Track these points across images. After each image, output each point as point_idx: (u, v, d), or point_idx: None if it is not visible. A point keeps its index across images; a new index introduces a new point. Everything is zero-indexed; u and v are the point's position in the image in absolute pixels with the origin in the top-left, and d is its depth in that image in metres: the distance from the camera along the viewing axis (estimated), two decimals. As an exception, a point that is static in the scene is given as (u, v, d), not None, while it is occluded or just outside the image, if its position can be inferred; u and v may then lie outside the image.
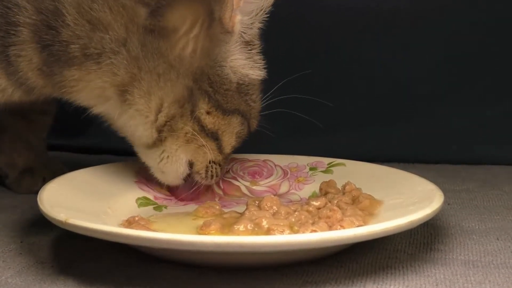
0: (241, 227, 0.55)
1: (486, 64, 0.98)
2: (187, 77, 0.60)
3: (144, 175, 0.72)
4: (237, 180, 0.76)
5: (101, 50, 0.58)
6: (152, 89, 0.60)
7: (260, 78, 0.66)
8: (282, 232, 0.53)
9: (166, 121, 0.61)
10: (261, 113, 0.69)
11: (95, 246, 0.57)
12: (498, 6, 0.97)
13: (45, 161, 0.87)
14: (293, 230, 0.54)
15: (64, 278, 0.52)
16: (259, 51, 0.65)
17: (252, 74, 0.65)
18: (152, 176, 0.68)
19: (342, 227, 0.54)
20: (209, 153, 0.64)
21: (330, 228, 0.54)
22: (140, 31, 0.58)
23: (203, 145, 0.63)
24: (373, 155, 0.86)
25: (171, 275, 0.52)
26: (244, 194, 0.74)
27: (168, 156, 0.64)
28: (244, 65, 0.64)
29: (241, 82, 0.64)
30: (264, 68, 0.66)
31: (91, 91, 0.61)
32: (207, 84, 0.61)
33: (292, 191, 0.74)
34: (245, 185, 0.75)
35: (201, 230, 0.57)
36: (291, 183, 0.75)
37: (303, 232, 0.53)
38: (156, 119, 0.61)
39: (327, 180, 0.70)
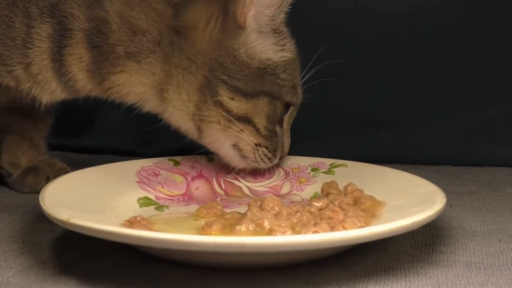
0: (243, 228, 0.55)
1: (486, 64, 0.98)
2: (204, 68, 0.66)
3: (145, 175, 0.72)
4: (239, 181, 0.76)
5: (140, 48, 0.66)
6: (180, 82, 0.67)
7: (284, 59, 0.70)
8: (284, 233, 0.53)
9: (194, 111, 0.68)
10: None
11: (96, 246, 0.57)
12: (498, 6, 0.97)
13: (48, 160, 0.87)
14: (295, 231, 0.54)
15: (66, 278, 0.52)
16: (285, 36, 0.71)
17: (275, 57, 0.69)
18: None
19: (344, 228, 0.54)
20: (247, 135, 0.69)
21: (332, 229, 0.54)
22: (170, 31, 0.66)
23: (241, 130, 0.68)
24: (375, 156, 0.86)
25: (172, 275, 0.52)
26: (246, 195, 0.74)
27: (212, 142, 0.71)
28: (266, 50, 0.68)
29: (262, 66, 0.67)
30: (293, 50, 0.72)
31: (136, 95, 0.70)
32: (222, 73, 0.66)
33: (294, 192, 0.74)
34: (246, 186, 0.75)
35: (202, 230, 0.56)
36: (293, 183, 0.75)
37: (305, 233, 0.53)
38: (188, 110, 0.68)
39: (329, 181, 0.70)
